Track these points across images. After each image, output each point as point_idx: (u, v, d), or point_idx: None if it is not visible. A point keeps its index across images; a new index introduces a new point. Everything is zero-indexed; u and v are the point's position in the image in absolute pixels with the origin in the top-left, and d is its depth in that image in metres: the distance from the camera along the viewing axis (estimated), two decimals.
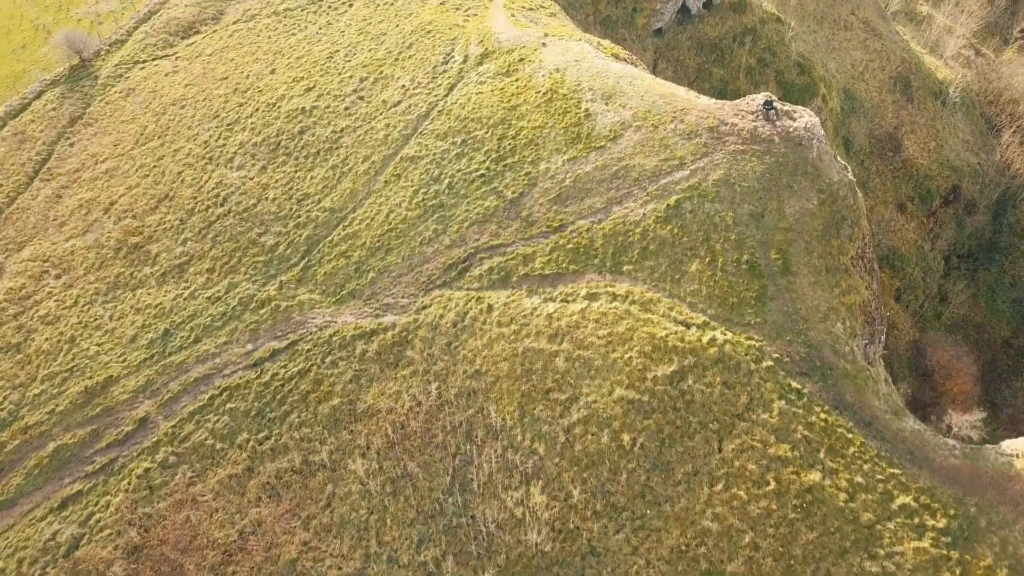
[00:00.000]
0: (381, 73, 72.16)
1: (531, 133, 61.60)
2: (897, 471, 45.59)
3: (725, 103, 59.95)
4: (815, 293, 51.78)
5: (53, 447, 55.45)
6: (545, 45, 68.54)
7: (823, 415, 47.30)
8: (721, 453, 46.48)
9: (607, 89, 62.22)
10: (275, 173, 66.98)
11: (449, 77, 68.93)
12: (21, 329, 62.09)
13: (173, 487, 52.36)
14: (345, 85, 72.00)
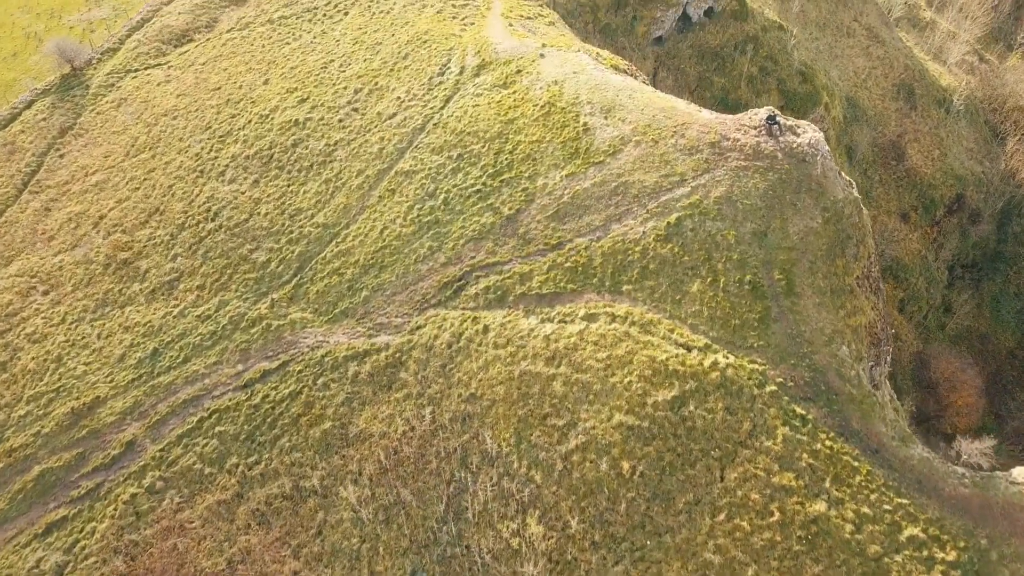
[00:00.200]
0: (376, 84, 70.80)
1: (528, 148, 60.23)
2: (905, 501, 44.21)
3: (727, 117, 58.57)
4: (820, 315, 50.39)
5: (38, 470, 54.09)
6: (543, 56, 67.17)
7: (828, 442, 45.92)
8: (723, 482, 45.09)
9: (606, 102, 60.85)
10: (267, 187, 65.61)
11: (445, 89, 67.56)
12: (7, 347, 60.72)
13: (160, 513, 50.99)
14: (339, 96, 70.63)
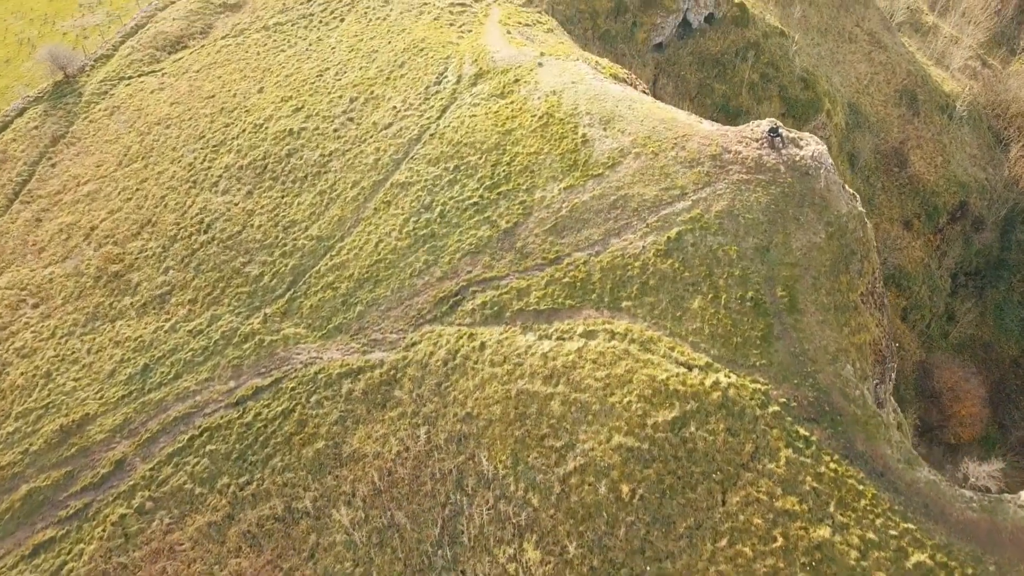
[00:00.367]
0: (372, 93, 69.73)
1: (526, 159, 59.15)
2: (911, 526, 43.10)
3: (728, 129, 57.48)
4: (823, 333, 49.29)
5: (26, 489, 53.01)
6: (541, 65, 66.08)
7: (833, 465, 44.81)
8: (725, 506, 44.00)
9: (605, 113, 59.76)
10: (261, 198, 64.54)
11: (442, 98, 66.49)
12: None
13: (150, 535, 49.93)
14: (335, 106, 69.56)
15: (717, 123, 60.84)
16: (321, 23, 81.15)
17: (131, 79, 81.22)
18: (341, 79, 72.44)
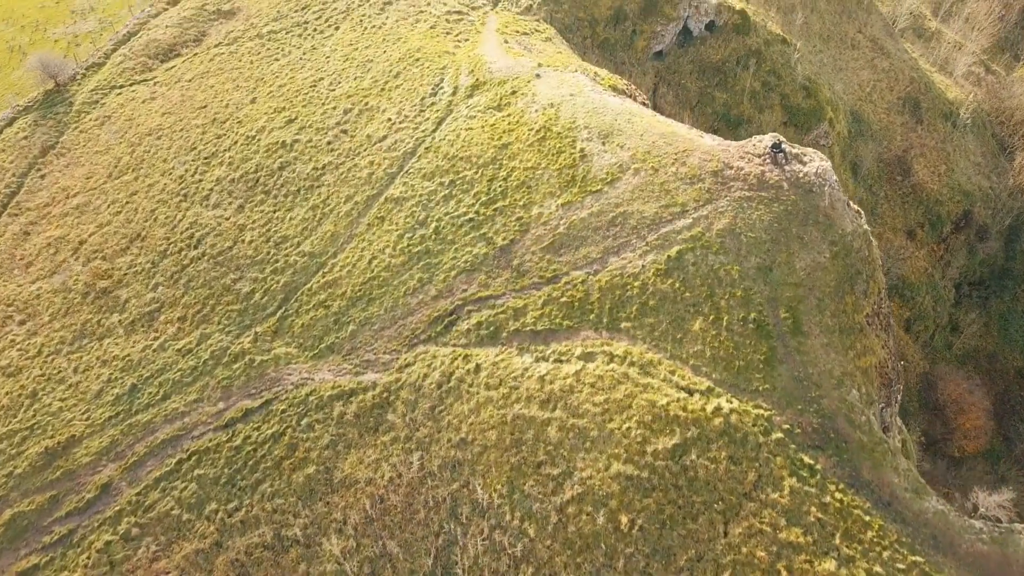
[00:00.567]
0: (366, 104, 68.39)
1: (523, 174, 57.80)
2: (920, 559, 41.78)
3: (730, 144, 56.14)
4: (828, 356, 47.95)
5: (10, 514, 51.60)
6: (539, 76, 64.75)
7: (838, 494, 43.49)
8: (727, 537, 42.65)
9: (604, 127, 58.41)
10: (252, 213, 63.18)
11: (438, 111, 65.14)
12: None
13: (135, 562, 48.53)
14: (328, 117, 68.21)
15: (718, 137, 59.52)
16: (316, 31, 79.81)
17: (123, 88, 79.90)
18: (335, 89, 71.08)
